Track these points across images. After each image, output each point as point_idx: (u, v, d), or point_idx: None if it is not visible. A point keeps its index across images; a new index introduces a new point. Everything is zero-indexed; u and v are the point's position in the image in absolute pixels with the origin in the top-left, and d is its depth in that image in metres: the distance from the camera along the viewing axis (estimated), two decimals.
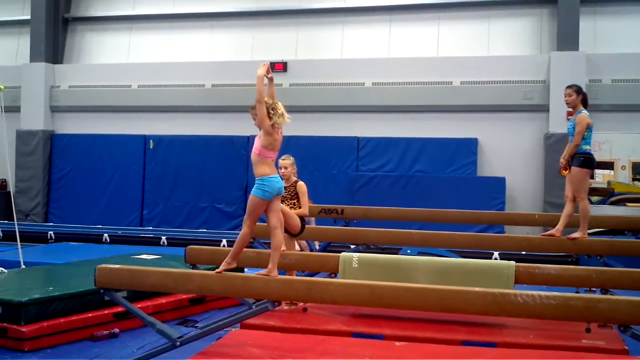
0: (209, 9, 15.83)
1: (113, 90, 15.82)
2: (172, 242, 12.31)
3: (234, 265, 4.91)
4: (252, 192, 4.81)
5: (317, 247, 9.38)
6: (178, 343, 4.93)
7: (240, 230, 4.91)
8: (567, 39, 13.37)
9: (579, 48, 13.28)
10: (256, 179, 4.81)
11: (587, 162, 6.98)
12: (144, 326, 5.72)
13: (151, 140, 15.32)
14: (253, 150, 4.85)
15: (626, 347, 5.08)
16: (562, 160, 7.13)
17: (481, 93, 13.70)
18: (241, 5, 15.69)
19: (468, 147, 13.68)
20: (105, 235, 12.94)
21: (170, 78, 15.47)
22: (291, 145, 11.83)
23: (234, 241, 4.95)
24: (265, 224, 4.95)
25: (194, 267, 6.26)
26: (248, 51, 15.46)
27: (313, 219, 9.79)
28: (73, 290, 6.29)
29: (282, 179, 6.61)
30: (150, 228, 14.56)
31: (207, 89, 15.27)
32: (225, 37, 15.83)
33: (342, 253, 5.89)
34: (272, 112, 4.74)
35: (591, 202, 12.39)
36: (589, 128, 6.98)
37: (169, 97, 15.42)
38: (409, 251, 9.16)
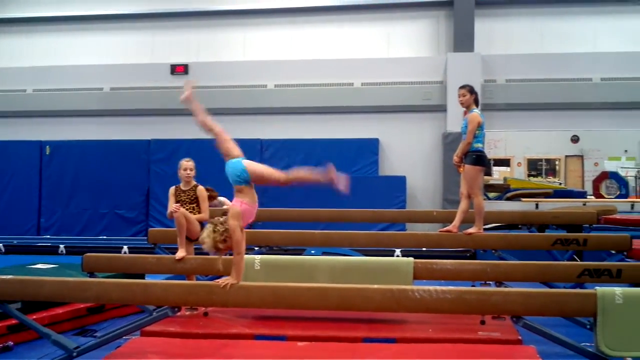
0: (107, 10, 15.46)
1: (6, 95, 15.28)
2: (71, 251, 11.89)
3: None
4: None
5: None
6: (75, 354, 4.81)
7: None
8: (463, 40, 13.79)
9: (474, 49, 13.71)
10: None
11: (479, 160, 7.17)
12: (40, 338, 5.54)
13: (47, 146, 14.83)
14: None
15: (520, 337, 5.26)
16: (455, 158, 7.33)
17: (382, 94, 13.96)
18: (140, 7, 15.38)
19: (370, 148, 13.90)
20: (0, 245, 12.44)
21: (67, 82, 15.05)
22: (193, 149, 11.73)
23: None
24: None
25: (91, 275, 6.12)
26: (148, 53, 15.20)
27: None
28: None
29: (182, 181, 6.60)
30: (48, 236, 14.09)
31: (105, 92, 14.93)
32: (124, 39, 15.48)
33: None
34: None
35: (488, 198, 12.84)
36: (480, 126, 7.16)
37: (66, 101, 15.01)
38: (313, 252, 9.21)
